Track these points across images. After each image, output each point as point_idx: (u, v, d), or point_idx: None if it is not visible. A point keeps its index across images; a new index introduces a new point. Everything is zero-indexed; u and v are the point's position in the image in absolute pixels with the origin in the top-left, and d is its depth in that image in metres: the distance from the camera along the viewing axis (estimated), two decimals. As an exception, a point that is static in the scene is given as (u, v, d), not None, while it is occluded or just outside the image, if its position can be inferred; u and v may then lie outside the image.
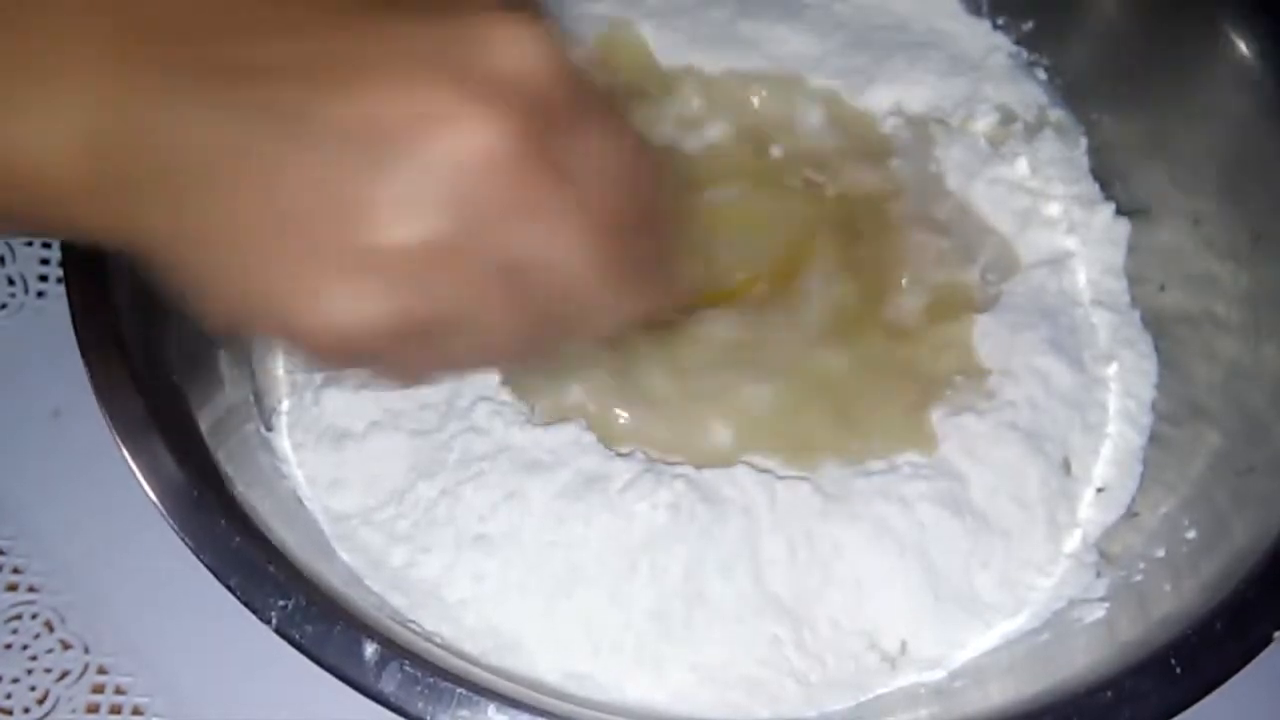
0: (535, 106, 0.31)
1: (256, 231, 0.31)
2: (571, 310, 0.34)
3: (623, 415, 0.54)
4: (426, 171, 0.30)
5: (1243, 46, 0.56)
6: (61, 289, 0.53)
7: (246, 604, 0.42)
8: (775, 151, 0.63)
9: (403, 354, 0.34)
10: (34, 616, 0.58)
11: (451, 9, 0.32)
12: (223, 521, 0.44)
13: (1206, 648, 0.43)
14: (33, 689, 0.56)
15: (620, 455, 0.52)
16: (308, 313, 0.31)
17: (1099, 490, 0.56)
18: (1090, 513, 0.55)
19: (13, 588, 0.58)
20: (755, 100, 0.65)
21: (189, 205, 0.31)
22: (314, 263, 0.31)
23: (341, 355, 0.33)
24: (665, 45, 0.67)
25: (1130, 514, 0.55)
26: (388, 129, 0.30)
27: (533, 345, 0.35)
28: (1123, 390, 0.58)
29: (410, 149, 0.30)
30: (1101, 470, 0.56)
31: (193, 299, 0.33)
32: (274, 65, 0.31)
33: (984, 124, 0.65)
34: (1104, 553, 0.54)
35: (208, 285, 0.32)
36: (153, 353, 0.49)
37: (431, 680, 0.41)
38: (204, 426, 0.49)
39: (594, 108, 0.34)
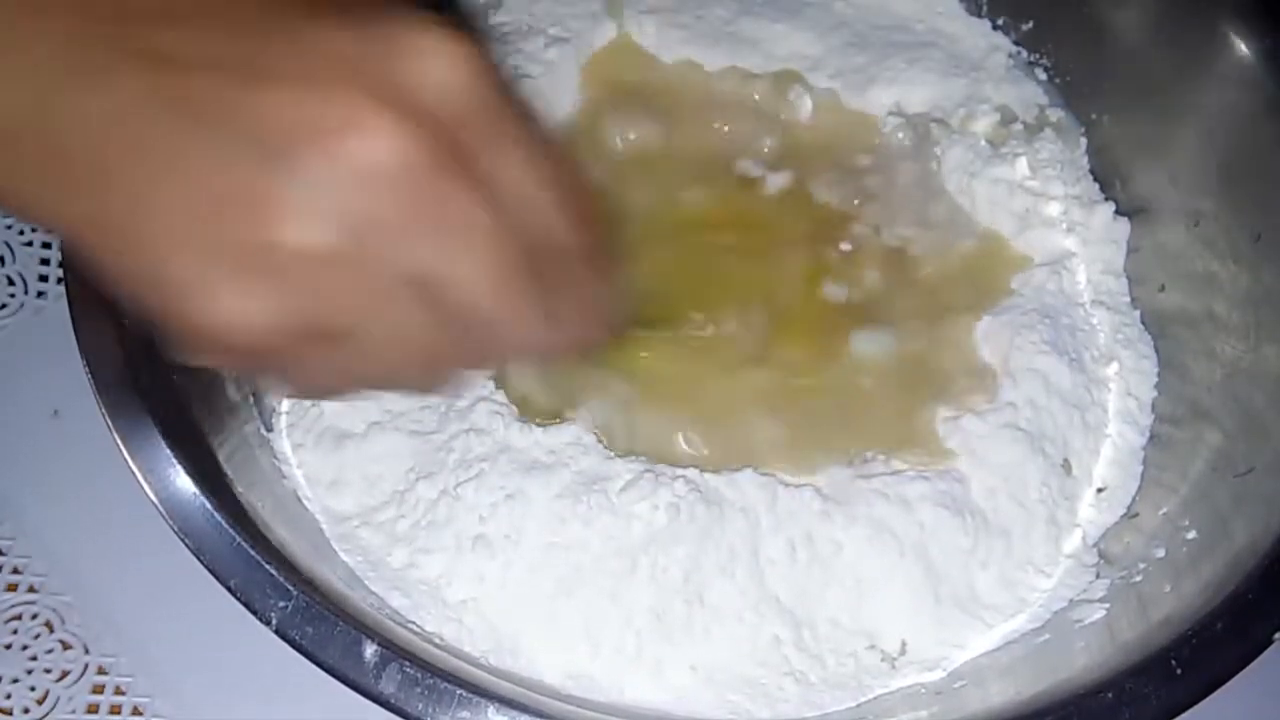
0: (451, 120, 0.31)
1: (156, 221, 0.31)
2: (475, 331, 0.33)
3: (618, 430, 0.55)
4: (331, 176, 0.30)
5: (1242, 46, 0.56)
6: (61, 289, 0.53)
7: (246, 604, 0.42)
8: (773, 149, 0.63)
9: (300, 360, 0.33)
10: (34, 616, 0.58)
11: (381, 19, 0.31)
12: (223, 522, 0.44)
13: (1207, 648, 0.43)
14: (33, 689, 0.56)
15: (620, 456, 0.52)
16: (200, 305, 0.31)
17: (1099, 490, 0.56)
18: (1090, 513, 0.55)
19: (12, 588, 0.58)
20: (755, 97, 0.65)
21: (95, 190, 0.31)
22: (210, 256, 0.30)
23: (232, 353, 0.32)
24: (665, 42, 0.67)
25: (1130, 514, 0.55)
26: (296, 131, 0.30)
27: (438, 364, 0.35)
28: (1123, 390, 0.58)
29: (316, 152, 0.30)
30: (1101, 470, 0.56)
31: (107, 278, 0.33)
32: (200, 57, 0.30)
33: (984, 124, 0.65)
34: (1104, 553, 0.54)
35: (113, 269, 0.32)
36: (153, 353, 0.49)
37: (431, 681, 0.41)
38: (204, 426, 0.49)
39: (516, 129, 0.33)
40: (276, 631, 0.42)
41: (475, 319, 0.33)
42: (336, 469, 0.54)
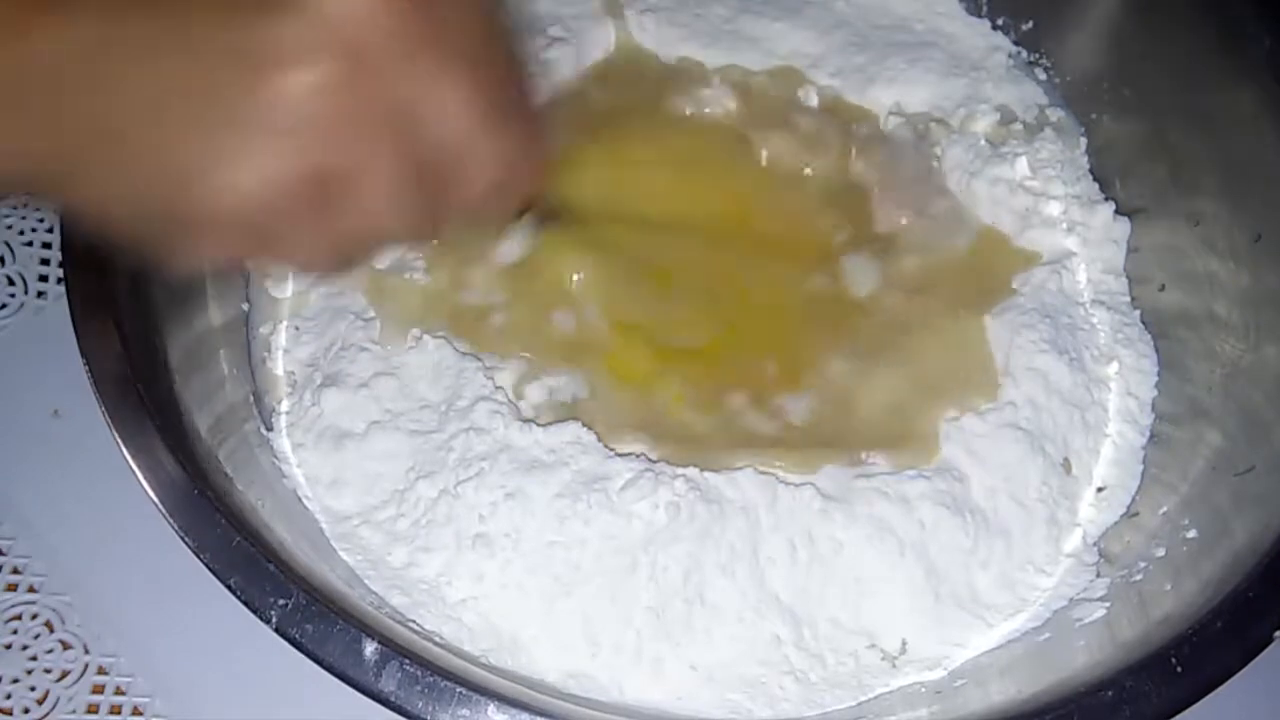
0: None
1: (156, 110, 0.33)
2: (460, 159, 0.36)
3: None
4: (315, 22, 0.32)
5: (1243, 46, 0.56)
6: (61, 289, 0.53)
7: (246, 603, 0.42)
8: (771, 148, 0.63)
9: (302, 225, 0.35)
10: (34, 616, 0.58)
11: None
12: (223, 521, 0.44)
13: (1207, 647, 0.43)
14: (33, 689, 0.56)
15: (620, 455, 0.52)
16: (212, 178, 0.33)
17: (1099, 490, 0.56)
18: (1090, 512, 0.55)
19: (12, 588, 0.58)
20: (755, 95, 0.65)
21: (80, 105, 0.33)
22: (216, 127, 0.32)
23: (240, 231, 0.34)
24: (665, 40, 0.67)
25: (1130, 513, 0.55)
26: None
27: (424, 207, 0.36)
28: (1123, 390, 0.58)
29: (298, 4, 0.32)
30: (1102, 470, 0.56)
31: (106, 213, 0.35)
32: None
33: (984, 124, 0.65)
34: (1104, 552, 0.54)
35: (110, 191, 0.34)
36: (153, 353, 0.49)
37: (431, 679, 0.41)
38: (204, 426, 0.49)
39: None
40: (277, 630, 0.42)
41: (460, 143, 0.35)
42: (336, 468, 0.54)
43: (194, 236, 0.35)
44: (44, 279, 0.66)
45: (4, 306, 0.65)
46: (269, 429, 0.55)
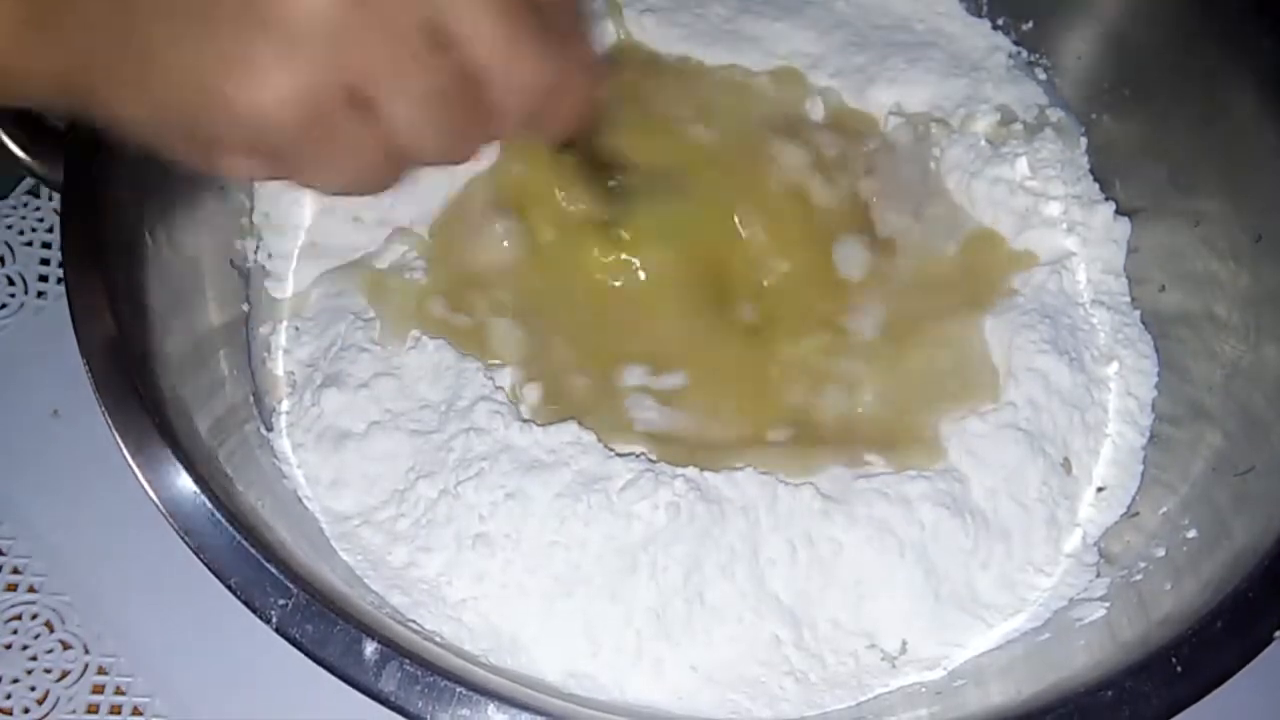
0: None
1: (182, 24, 0.33)
2: (491, 81, 0.35)
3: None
4: None
5: (1243, 46, 0.56)
6: (61, 289, 0.53)
7: (247, 603, 0.42)
8: (770, 147, 0.63)
9: (333, 138, 0.34)
10: (34, 616, 0.58)
11: None
12: (223, 521, 0.44)
13: (1207, 647, 0.43)
14: (33, 689, 0.56)
15: (620, 455, 0.52)
16: (240, 89, 0.33)
17: (1099, 490, 0.56)
18: (1090, 512, 0.55)
19: (12, 588, 0.58)
20: (755, 94, 0.65)
21: (108, 21, 0.33)
22: (240, 40, 0.32)
23: (271, 140, 0.34)
24: (665, 40, 0.67)
25: (1130, 514, 0.55)
26: None
27: (455, 123, 0.36)
28: (1123, 390, 0.58)
29: None
30: (1102, 470, 0.56)
31: (136, 127, 0.35)
32: None
33: (984, 124, 0.65)
34: (1104, 552, 0.54)
35: (145, 96, 0.34)
36: (153, 353, 0.49)
37: (431, 679, 0.41)
38: (204, 426, 0.49)
39: None
40: (277, 630, 0.42)
41: (490, 57, 0.35)
42: (336, 468, 0.54)
43: (221, 151, 0.35)
44: (44, 279, 0.66)
45: (4, 306, 0.65)
46: (269, 429, 0.55)
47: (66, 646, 0.57)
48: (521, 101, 0.37)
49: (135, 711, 0.56)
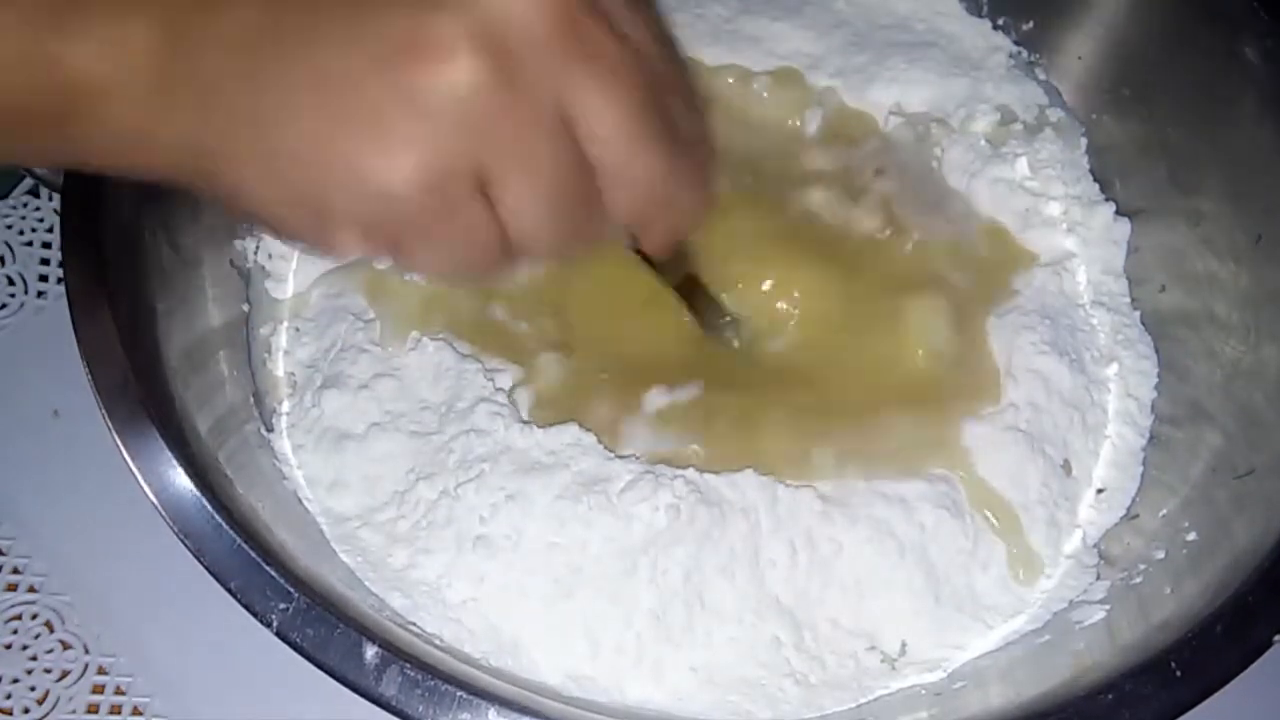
0: None
1: (310, 99, 0.33)
2: (609, 177, 0.35)
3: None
4: (476, 17, 0.32)
5: (1243, 46, 0.56)
6: (61, 289, 0.53)
7: (247, 607, 0.42)
8: (770, 147, 0.63)
9: (444, 221, 0.34)
10: (34, 616, 0.58)
11: None
12: (223, 523, 0.44)
13: (1207, 650, 0.43)
14: (33, 689, 0.56)
15: (620, 457, 0.52)
16: (364, 167, 0.33)
17: (1099, 491, 0.56)
18: (1090, 514, 0.55)
19: (12, 588, 0.58)
20: (755, 95, 0.65)
21: (236, 92, 0.33)
22: (368, 118, 0.32)
23: (387, 220, 0.34)
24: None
25: (1130, 515, 0.55)
26: None
27: (571, 225, 0.36)
28: (1123, 391, 0.58)
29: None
30: (1102, 471, 0.56)
31: (256, 200, 0.35)
32: None
33: (984, 124, 0.65)
34: (1104, 554, 0.54)
35: (267, 170, 0.34)
36: (153, 353, 0.49)
37: (432, 683, 0.41)
38: (204, 427, 0.49)
39: None
40: (278, 634, 0.42)
41: (602, 151, 0.35)
42: (337, 470, 0.53)
43: (337, 226, 0.34)
44: (44, 279, 0.66)
45: (4, 306, 0.65)
46: (269, 430, 0.55)
47: (66, 646, 0.57)
48: (632, 198, 0.36)
49: (135, 711, 0.56)
